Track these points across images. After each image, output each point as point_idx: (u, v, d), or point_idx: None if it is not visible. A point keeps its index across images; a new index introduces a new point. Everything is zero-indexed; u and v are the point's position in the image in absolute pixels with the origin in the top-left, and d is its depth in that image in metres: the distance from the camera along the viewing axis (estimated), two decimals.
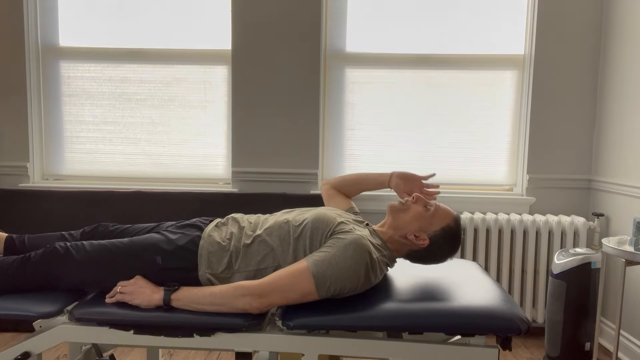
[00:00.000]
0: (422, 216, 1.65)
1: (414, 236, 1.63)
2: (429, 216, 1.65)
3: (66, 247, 1.58)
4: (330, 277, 1.44)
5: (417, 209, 1.67)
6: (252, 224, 1.67)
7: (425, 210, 1.66)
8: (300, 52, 3.01)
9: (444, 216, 1.66)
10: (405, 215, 1.66)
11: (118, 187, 3.11)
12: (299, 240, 1.57)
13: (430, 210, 1.66)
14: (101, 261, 1.58)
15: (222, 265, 1.57)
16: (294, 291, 1.45)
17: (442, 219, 1.66)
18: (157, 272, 1.57)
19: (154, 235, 1.64)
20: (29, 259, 1.58)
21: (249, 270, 1.57)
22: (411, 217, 1.65)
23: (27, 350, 1.51)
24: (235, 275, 1.57)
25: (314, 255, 1.49)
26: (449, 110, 3.07)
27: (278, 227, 1.62)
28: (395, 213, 1.68)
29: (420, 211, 1.66)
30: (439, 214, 1.66)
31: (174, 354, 2.66)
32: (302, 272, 1.45)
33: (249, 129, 3.07)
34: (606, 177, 2.89)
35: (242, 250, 1.59)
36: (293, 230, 1.59)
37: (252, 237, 1.61)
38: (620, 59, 2.79)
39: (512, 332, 1.40)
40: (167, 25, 3.11)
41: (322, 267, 1.45)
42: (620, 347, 2.72)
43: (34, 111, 3.17)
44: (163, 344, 1.49)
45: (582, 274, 2.46)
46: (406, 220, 1.65)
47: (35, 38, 3.15)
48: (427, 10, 3.03)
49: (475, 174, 3.10)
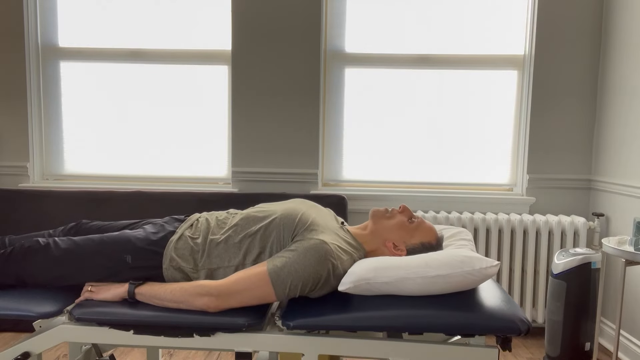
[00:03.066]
0: (404, 226, 1.66)
1: (392, 244, 1.64)
2: (411, 228, 1.66)
3: (39, 244, 1.59)
4: (289, 283, 1.46)
5: (401, 218, 1.67)
6: (220, 221, 1.68)
7: (409, 222, 1.67)
8: (300, 52, 3.01)
9: (427, 232, 1.67)
10: (387, 223, 1.67)
11: (118, 187, 3.11)
12: (265, 237, 1.58)
13: (414, 222, 1.67)
14: (71, 259, 1.58)
15: (189, 263, 1.58)
16: (252, 296, 1.47)
17: (424, 234, 1.67)
18: (127, 270, 1.57)
19: (126, 232, 1.65)
20: (2, 254, 1.59)
21: (213, 268, 1.57)
22: (393, 226, 1.66)
23: (27, 350, 1.51)
24: (200, 272, 1.58)
25: (275, 260, 1.49)
26: (449, 110, 3.07)
27: (244, 223, 1.62)
28: (378, 219, 1.68)
29: (403, 221, 1.67)
30: (422, 228, 1.67)
31: (174, 354, 2.66)
32: (261, 278, 1.46)
33: (249, 129, 3.07)
34: (606, 177, 2.89)
35: (208, 247, 1.59)
36: (260, 226, 1.59)
37: (218, 234, 1.62)
38: (620, 59, 2.79)
39: (512, 333, 1.40)
40: (167, 25, 3.11)
41: (282, 273, 1.46)
42: (620, 347, 2.72)
43: (34, 111, 3.17)
44: (163, 344, 1.49)
45: (582, 274, 2.46)
46: (388, 228, 1.66)
47: (35, 38, 3.15)
48: (427, 11, 3.03)
49: (475, 174, 3.10)
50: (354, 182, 3.14)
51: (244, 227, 1.61)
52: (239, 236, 1.60)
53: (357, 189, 3.08)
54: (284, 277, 1.45)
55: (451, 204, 3.02)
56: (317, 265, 1.47)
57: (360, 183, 3.13)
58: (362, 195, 3.03)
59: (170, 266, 1.57)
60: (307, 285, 1.47)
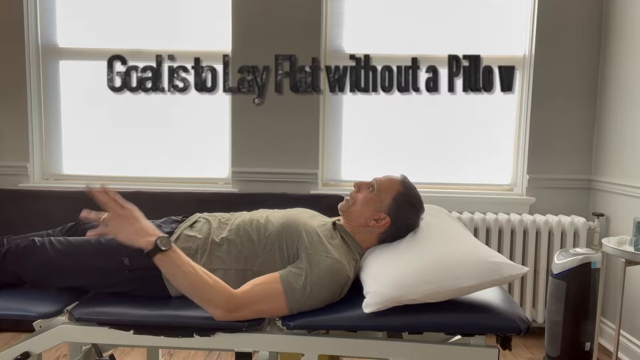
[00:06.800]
0: (370, 199, 1.62)
1: (373, 221, 1.61)
2: (375, 195, 1.62)
3: (34, 244, 1.59)
4: (304, 302, 1.45)
5: (362, 195, 1.64)
6: (222, 222, 1.66)
7: (370, 192, 1.64)
8: (300, 52, 3.01)
9: (389, 186, 1.63)
10: (355, 207, 1.64)
11: (118, 187, 3.11)
12: (268, 245, 1.56)
13: (374, 188, 1.64)
14: (67, 259, 1.57)
15: None
16: (265, 311, 1.45)
17: (389, 190, 1.63)
18: (124, 272, 1.56)
19: None
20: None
21: (213, 269, 1.55)
22: (361, 205, 1.63)
23: (27, 350, 1.51)
24: None
25: (289, 277, 1.46)
26: (449, 110, 3.06)
27: (247, 228, 1.61)
28: (347, 210, 1.65)
29: (366, 196, 1.64)
30: (384, 187, 1.63)
31: (174, 354, 2.66)
32: (278, 296, 1.44)
33: (249, 129, 3.07)
34: (606, 177, 2.89)
35: (209, 248, 1.58)
36: (262, 234, 1.58)
37: (220, 235, 1.60)
38: (620, 59, 2.79)
39: (512, 332, 1.40)
40: (167, 25, 3.11)
41: (298, 294, 1.44)
42: (620, 347, 2.72)
43: (34, 111, 3.17)
44: (163, 344, 1.49)
45: (582, 274, 2.46)
46: (359, 210, 1.63)
47: (35, 38, 3.15)
48: (426, 11, 3.03)
49: (475, 174, 3.10)
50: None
51: (246, 232, 1.60)
52: (241, 240, 1.59)
53: None
54: (299, 297, 1.44)
55: (451, 204, 3.02)
56: (333, 286, 1.47)
57: None
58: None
59: None
60: (321, 304, 1.47)
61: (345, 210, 1.66)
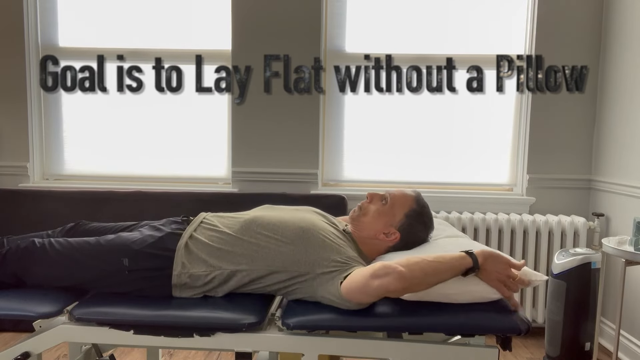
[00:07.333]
0: (382, 212, 1.62)
1: (383, 235, 1.61)
2: (388, 209, 1.62)
3: (34, 245, 1.59)
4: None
5: (375, 207, 1.64)
6: (229, 222, 1.63)
7: (383, 205, 1.63)
8: (300, 52, 3.01)
9: (402, 202, 1.63)
10: (366, 218, 1.63)
11: (118, 187, 3.11)
12: (285, 251, 1.53)
13: (387, 202, 1.63)
14: (66, 260, 1.57)
15: (200, 267, 1.54)
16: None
17: (402, 206, 1.62)
18: (124, 273, 1.55)
19: (122, 235, 1.62)
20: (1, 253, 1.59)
21: (233, 269, 1.53)
22: (372, 217, 1.62)
23: (27, 350, 1.51)
24: (215, 272, 1.54)
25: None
26: (449, 110, 3.06)
27: (257, 227, 1.57)
28: (357, 220, 1.64)
29: (378, 208, 1.63)
30: (397, 202, 1.63)
31: (174, 354, 2.66)
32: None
33: (249, 129, 3.07)
34: (606, 177, 2.89)
35: (231, 242, 1.56)
36: (277, 237, 1.55)
37: (236, 237, 1.57)
38: (620, 59, 2.79)
39: (512, 332, 1.40)
40: (167, 25, 3.11)
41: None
42: (620, 347, 2.72)
43: (34, 111, 3.17)
44: (163, 344, 1.49)
45: (582, 274, 2.46)
46: (369, 222, 1.62)
47: (35, 38, 3.15)
48: (426, 11, 3.03)
49: (475, 174, 3.10)
50: (354, 182, 3.13)
51: (256, 232, 1.57)
52: (249, 239, 1.56)
53: (357, 189, 3.08)
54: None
55: (451, 204, 3.02)
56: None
57: (360, 183, 3.13)
58: (362, 195, 3.03)
59: (182, 271, 1.53)
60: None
61: (355, 219, 1.66)
